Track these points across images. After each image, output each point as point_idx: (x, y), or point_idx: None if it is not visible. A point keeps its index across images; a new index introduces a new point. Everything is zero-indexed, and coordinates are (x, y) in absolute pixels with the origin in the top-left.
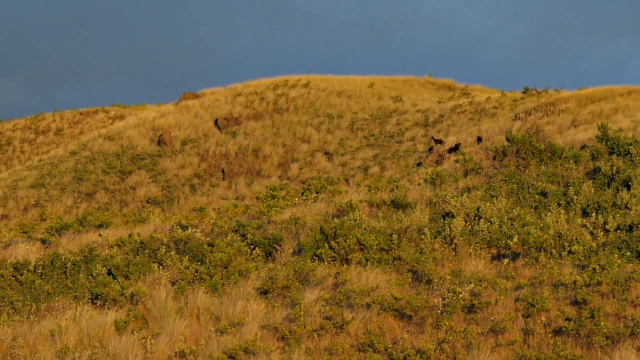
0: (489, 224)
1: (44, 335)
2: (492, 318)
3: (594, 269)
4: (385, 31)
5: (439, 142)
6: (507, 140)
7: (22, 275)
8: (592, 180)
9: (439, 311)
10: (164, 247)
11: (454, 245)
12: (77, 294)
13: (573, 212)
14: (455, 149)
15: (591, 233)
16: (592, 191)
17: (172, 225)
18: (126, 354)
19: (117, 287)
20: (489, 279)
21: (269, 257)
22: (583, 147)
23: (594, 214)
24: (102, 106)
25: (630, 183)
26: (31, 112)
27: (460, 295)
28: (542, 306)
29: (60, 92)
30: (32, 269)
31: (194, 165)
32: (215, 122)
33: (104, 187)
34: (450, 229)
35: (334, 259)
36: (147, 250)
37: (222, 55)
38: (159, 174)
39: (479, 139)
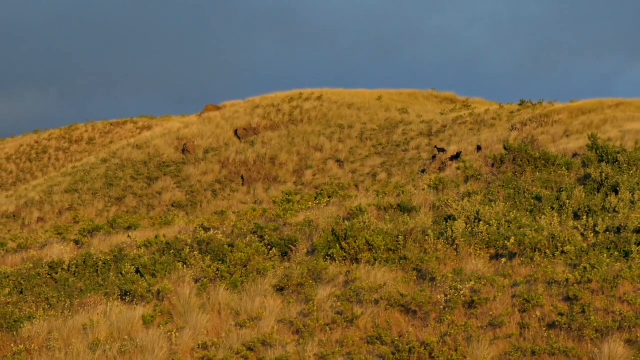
0: (488, 226)
1: (77, 329)
2: (490, 313)
3: (585, 268)
4: (393, 48)
5: (442, 150)
6: (505, 149)
7: (57, 273)
8: (583, 186)
9: (441, 307)
10: (187, 247)
11: (455, 246)
12: (108, 290)
13: (565, 215)
14: (456, 157)
15: (582, 234)
16: (583, 196)
17: (196, 227)
18: (153, 346)
19: (145, 284)
20: (488, 277)
21: (285, 257)
22: (575, 155)
23: (584, 217)
24: (130, 117)
25: (618, 188)
26: (65, 123)
27: (462, 292)
28: (537, 302)
29: (91, 104)
30: (66, 268)
31: (216, 172)
32: (235, 132)
33: (133, 192)
34: (452, 230)
35: (344, 258)
36: (172, 251)
37: (242, 70)
38: (183, 180)
39: (479, 148)
